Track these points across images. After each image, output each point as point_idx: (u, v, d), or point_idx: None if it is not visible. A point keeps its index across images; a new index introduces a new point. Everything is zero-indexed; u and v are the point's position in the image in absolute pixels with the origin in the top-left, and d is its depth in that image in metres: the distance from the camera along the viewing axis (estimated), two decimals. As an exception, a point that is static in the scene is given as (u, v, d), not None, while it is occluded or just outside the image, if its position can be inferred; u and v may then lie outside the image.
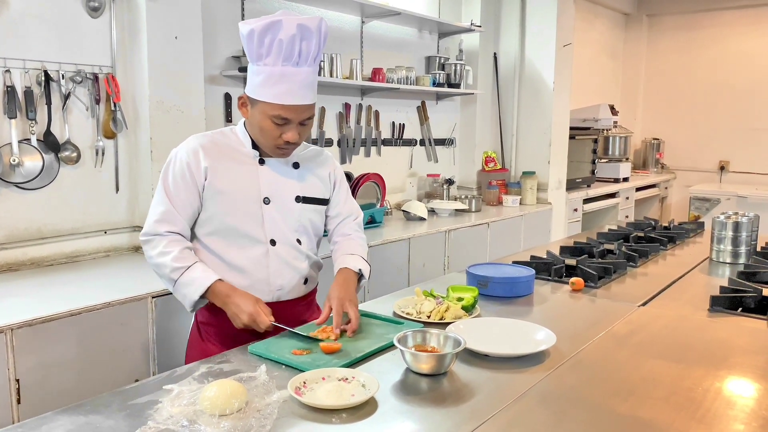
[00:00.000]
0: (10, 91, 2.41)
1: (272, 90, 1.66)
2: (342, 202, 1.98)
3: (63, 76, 2.55)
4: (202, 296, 1.71)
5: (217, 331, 1.82)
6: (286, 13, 1.68)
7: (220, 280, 1.71)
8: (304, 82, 1.69)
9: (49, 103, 2.52)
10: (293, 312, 1.86)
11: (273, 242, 1.81)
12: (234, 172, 1.78)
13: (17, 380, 1.92)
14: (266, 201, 1.79)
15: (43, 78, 2.49)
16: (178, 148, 1.79)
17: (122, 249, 2.83)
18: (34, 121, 2.48)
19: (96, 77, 2.66)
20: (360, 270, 1.87)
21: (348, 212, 2.00)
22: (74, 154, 2.62)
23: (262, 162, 1.81)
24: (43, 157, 2.52)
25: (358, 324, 1.68)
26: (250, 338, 1.68)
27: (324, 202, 1.92)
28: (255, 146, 1.81)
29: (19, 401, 1.92)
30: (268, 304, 1.73)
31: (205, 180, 1.75)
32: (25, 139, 2.48)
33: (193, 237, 1.82)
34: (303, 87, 1.69)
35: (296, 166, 1.86)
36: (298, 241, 1.86)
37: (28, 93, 2.46)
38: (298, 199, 1.84)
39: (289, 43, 1.63)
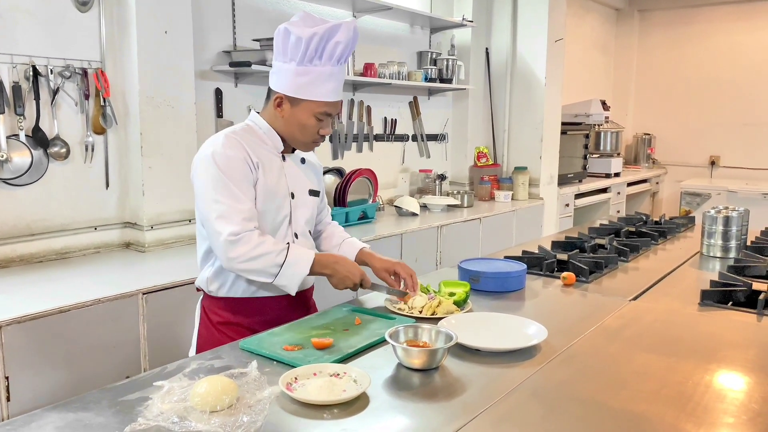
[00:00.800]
0: (-2, 86, 2.39)
1: (321, 89, 1.71)
2: (323, 191, 2.05)
3: (51, 71, 2.53)
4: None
5: (238, 329, 1.80)
6: (308, 15, 1.70)
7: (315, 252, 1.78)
8: (343, 78, 1.77)
9: (37, 99, 2.49)
10: (302, 301, 1.90)
11: (296, 236, 1.85)
12: (271, 169, 1.78)
13: (6, 377, 1.90)
14: (292, 196, 1.83)
15: (31, 73, 2.47)
16: (221, 145, 1.69)
17: (112, 245, 2.81)
18: (22, 117, 2.46)
19: (85, 72, 2.63)
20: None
21: (324, 202, 2.08)
22: (63, 150, 2.60)
23: (283, 158, 1.84)
24: (31, 153, 2.49)
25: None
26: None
27: (319, 192, 1.99)
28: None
29: (8, 398, 1.91)
30: (288, 297, 1.79)
31: (258, 175, 1.74)
32: (13, 135, 2.46)
33: None
34: (342, 82, 1.78)
35: (303, 161, 1.91)
36: (310, 232, 1.93)
37: (16, 88, 2.43)
38: (311, 192, 1.90)
39: (346, 44, 1.69)
